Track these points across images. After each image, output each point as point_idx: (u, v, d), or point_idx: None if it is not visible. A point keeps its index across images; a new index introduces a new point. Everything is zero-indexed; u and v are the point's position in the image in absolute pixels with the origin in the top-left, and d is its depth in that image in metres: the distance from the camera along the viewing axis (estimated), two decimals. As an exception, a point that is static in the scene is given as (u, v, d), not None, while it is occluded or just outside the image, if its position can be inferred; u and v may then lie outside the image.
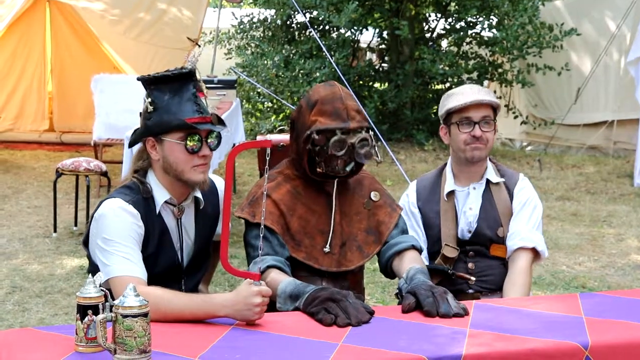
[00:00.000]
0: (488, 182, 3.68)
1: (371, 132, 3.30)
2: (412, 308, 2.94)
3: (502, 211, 3.64)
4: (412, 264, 3.23)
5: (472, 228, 3.63)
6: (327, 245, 3.28)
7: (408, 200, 3.74)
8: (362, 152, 3.23)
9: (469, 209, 3.65)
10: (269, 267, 3.13)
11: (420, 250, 3.38)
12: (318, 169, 3.27)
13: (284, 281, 3.06)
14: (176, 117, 3.00)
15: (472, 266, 3.63)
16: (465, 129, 3.59)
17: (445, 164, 3.78)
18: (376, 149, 3.31)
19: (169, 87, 3.05)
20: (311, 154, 3.25)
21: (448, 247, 3.62)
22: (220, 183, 3.31)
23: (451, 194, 3.68)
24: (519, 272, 3.55)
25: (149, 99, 3.06)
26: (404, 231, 3.43)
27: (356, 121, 3.24)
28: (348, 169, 3.25)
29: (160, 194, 3.10)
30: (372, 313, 2.87)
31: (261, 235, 2.94)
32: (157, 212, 3.08)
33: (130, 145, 3.24)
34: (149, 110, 3.06)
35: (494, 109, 3.65)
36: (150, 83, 3.07)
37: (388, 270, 3.36)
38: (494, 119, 3.65)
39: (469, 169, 3.68)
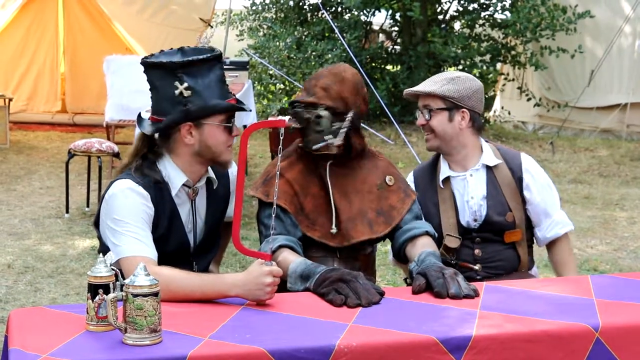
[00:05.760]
0: (487, 167, 3.59)
1: (350, 116, 3.22)
2: (422, 289, 2.93)
3: (508, 195, 3.57)
4: (425, 248, 3.22)
5: (480, 217, 3.55)
6: (333, 226, 3.27)
7: None
8: (316, 128, 3.21)
9: (470, 198, 3.56)
10: (280, 246, 3.13)
11: (434, 237, 3.36)
12: (299, 143, 3.31)
13: (295, 261, 3.07)
14: (220, 100, 3.02)
15: (478, 252, 3.56)
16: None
17: None
18: (341, 130, 3.22)
19: (203, 69, 3.01)
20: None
21: (450, 237, 3.53)
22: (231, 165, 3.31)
23: (447, 180, 3.59)
24: (569, 255, 3.70)
25: (184, 84, 2.98)
26: (418, 217, 3.40)
27: (316, 97, 3.22)
28: (315, 147, 3.22)
29: (178, 178, 3.09)
30: (382, 294, 2.87)
31: (273, 215, 2.94)
32: (174, 194, 3.08)
33: (162, 132, 3.07)
34: (185, 95, 2.99)
35: (443, 98, 3.51)
36: (183, 66, 2.98)
37: (401, 256, 3.35)
38: (447, 108, 3.51)
39: (454, 155, 3.59)
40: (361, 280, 2.89)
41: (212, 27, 11.03)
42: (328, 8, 12.50)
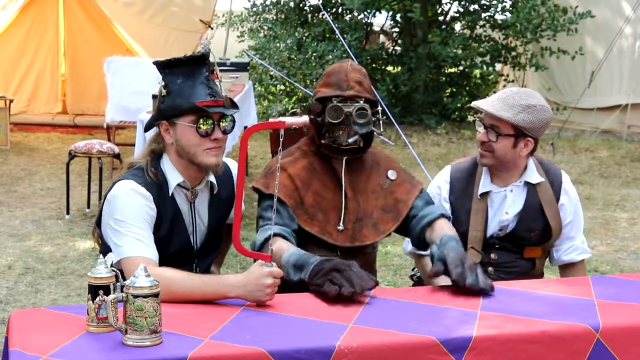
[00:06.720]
0: (527, 183, 3.55)
1: (379, 107, 3.32)
2: (439, 273, 2.98)
3: (549, 212, 3.53)
4: (444, 231, 3.23)
5: (507, 230, 3.54)
6: (341, 223, 3.29)
7: (440, 192, 3.62)
8: (359, 121, 3.24)
9: (504, 213, 3.54)
10: (274, 235, 3.13)
11: (449, 218, 3.37)
12: (322, 140, 3.31)
13: (288, 250, 3.09)
14: (188, 100, 3.01)
15: (494, 256, 3.57)
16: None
17: None
18: (379, 121, 3.32)
19: (182, 70, 3.05)
20: (316, 125, 3.29)
21: (473, 250, 3.53)
22: (234, 167, 3.31)
23: (486, 193, 3.56)
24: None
25: (163, 83, 3.08)
26: (429, 202, 3.42)
27: (354, 90, 3.26)
28: (351, 140, 3.27)
29: (174, 177, 3.10)
30: (376, 282, 2.91)
31: (274, 207, 2.95)
32: (170, 194, 3.09)
33: (146, 129, 3.25)
34: (162, 94, 3.08)
35: (514, 126, 3.42)
36: (165, 67, 3.08)
37: (421, 242, 3.36)
38: (515, 135, 3.44)
39: (502, 172, 3.55)
40: (355, 268, 2.92)
41: (212, 28, 11.02)
42: (329, 9, 12.50)
